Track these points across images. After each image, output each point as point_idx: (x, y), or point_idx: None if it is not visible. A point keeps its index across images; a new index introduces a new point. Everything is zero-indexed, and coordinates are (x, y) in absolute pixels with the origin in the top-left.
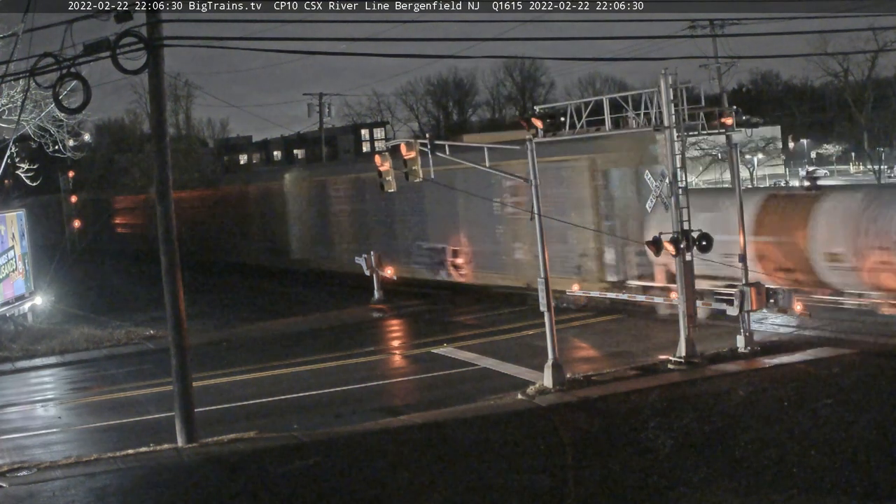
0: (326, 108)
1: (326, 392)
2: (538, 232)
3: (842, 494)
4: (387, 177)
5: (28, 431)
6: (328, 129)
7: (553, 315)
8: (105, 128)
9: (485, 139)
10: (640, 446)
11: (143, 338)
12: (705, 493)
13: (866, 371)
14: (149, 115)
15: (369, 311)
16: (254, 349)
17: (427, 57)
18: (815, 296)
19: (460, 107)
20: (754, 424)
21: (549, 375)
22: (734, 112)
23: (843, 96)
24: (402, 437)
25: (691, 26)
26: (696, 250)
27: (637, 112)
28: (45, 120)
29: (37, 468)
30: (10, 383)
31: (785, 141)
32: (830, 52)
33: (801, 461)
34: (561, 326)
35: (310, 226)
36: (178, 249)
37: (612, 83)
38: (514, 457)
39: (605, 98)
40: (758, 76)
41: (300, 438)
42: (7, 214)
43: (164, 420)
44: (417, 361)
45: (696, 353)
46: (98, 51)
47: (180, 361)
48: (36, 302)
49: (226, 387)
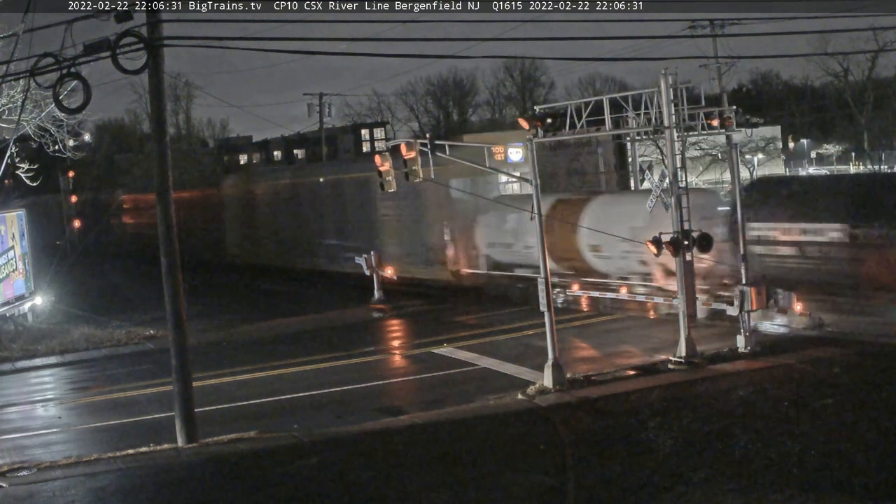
0: (326, 108)
1: (326, 392)
2: (538, 232)
3: (842, 494)
4: (387, 177)
5: (28, 431)
6: (328, 129)
7: (553, 315)
8: (105, 128)
9: (485, 139)
10: (640, 446)
11: (143, 338)
12: (705, 492)
13: (866, 371)
14: (149, 115)
15: (369, 311)
16: (254, 349)
17: (427, 57)
18: (586, 279)
19: (460, 107)
20: (754, 424)
21: (549, 375)
22: (734, 112)
23: (843, 96)
24: (402, 438)
25: (691, 26)
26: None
27: (637, 112)
28: (46, 120)
29: (37, 468)
30: (10, 383)
31: (785, 141)
32: (830, 52)
33: (801, 461)
34: (561, 326)
35: (242, 225)
36: (178, 249)
37: (612, 83)
38: (514, 457)
39: (605, 98)
40: (758, 76)
41: (300, 438)
42: (7, 214)
43: (164, 420)
44: (417, 361)
45: (696, 353)
46: (98, 51)
47: (180, 361)
48: (36, 302)
49: (226, 387)
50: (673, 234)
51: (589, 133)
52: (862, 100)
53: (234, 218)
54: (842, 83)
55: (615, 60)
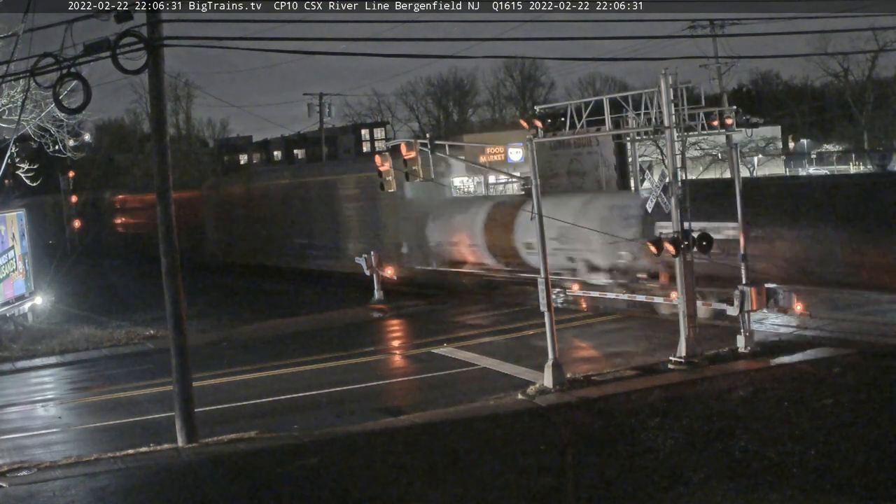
0: (326, 108)
1: (326, 392)
2: (538, 231)
3: (842, 494)
4: (387, 177)
5: (28, 431)
6: (328, 129)
7: (553, 315)
8: (105, 128)
9: (485, 139)
10: (640, 446)
11: (143, 338)
12: (705, 492)
13: (866, 371)
14: (149, 115)
15: (369, 311)
16: (254, 349)
17: (427, 57)
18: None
19: (460, 107)
20: (754, 424)
21: (549, 375)
22: (734, 112)
23: (843, 96)
24: (402, 438)
25: (691, 26)
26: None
27: (637, 112)
28: (46, 120)
29: (37, 468)
30: (10, 383)
31: (785, 141)
32: (830, 52)
33: (801, 461)
34: (561, 326)
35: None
36: (178, 249)
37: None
38: (514, 457)
39: (605, 98)
40: (758, 76)
41: (300, 438)
42: (7, 214)
43: (164, 420)
44: (417, 361)
45: (696, 353)
46: (98, 51)
47: (180, 361)
48: (36, 302)
49: (226, 387)
50: (673, 234)
51: (589, 133)
52: (862, 100)
53: (214, 219)
54: (842, 83)
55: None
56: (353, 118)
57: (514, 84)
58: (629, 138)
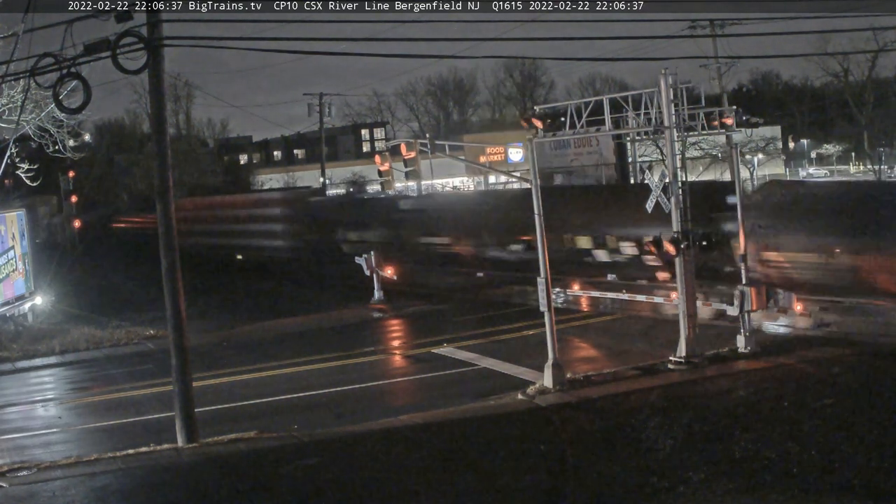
0: (327, 108)
1: (326, 392)
2: (538, 232)
3: (842, 494)
4: (386, 177)
5: (28, 431)
6: (328, 129)
7: (553, 315)
8: (105, 128)
9: (485, 139)
10: (640, 446)
11: (143, 338)
12: (705, 492)
13: (866, 371)
14: (149, 115)
15: (369, 311)
16: (254, 349)
17: (427, 57)
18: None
19: (460, 107)
20: (754, 424)
21: (549, 375)
22: (734, 112)
23: (843, 96)
24: (402, 437)
25: (691, 26)
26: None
27: (637, 112)
28: (46, 120)
29: (37, 468)
30: (10, 383)
31: (785, 141)
32: (830, 52)
33: (801, 461)
34: (561, 326)
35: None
36: (178, 249)
37: (612, 83)
38: (514, 457)
39: (605, 98)
40: (758, 76)
41: (300, 438)
42: (7, 214)
43: (164, 420)
44: (417, 361)
45: (697, 353)
46: (98, 51)
47: (180, 361)
48: (36, 302)
49: (226, 387)
50: (674, 234)
51: (589, 133)
52: (862, 100)
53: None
54: (842, 83)
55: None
56: (353, 118)
57: (514, 84)
58: (629, 138)
